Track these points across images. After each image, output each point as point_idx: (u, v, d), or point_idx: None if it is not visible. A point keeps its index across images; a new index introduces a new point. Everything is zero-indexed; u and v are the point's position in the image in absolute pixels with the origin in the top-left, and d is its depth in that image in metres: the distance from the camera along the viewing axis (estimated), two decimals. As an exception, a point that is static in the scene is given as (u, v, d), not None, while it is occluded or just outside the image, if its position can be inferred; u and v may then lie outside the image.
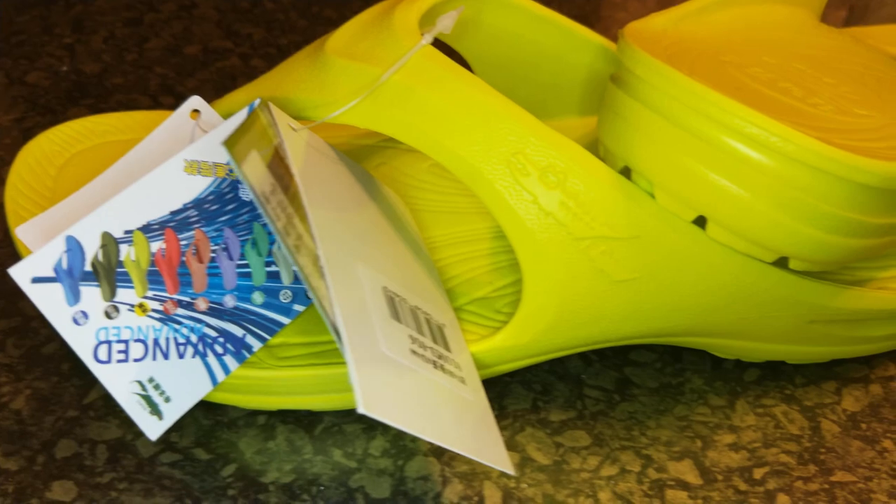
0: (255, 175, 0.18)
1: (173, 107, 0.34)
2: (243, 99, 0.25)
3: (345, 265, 0.19)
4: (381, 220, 0.23)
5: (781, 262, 0.22)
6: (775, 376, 0.27)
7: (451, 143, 0.22)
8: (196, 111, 0.25)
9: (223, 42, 0.41)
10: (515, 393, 0.26)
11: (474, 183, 0.22)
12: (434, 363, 0.20)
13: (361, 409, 0.16)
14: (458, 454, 0.23)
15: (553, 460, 0.24)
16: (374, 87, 0.22)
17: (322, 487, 0.23)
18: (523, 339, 0.22)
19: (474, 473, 0.24)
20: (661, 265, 0.22)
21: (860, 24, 0.51)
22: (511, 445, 0.24)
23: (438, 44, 0.25)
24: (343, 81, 0.23)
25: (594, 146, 0.24)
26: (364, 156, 0.30)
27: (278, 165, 0.19)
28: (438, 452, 0.24)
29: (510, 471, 0.20)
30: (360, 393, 0.16)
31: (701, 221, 0.22)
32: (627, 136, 0.21)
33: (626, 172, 0.22)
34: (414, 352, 0.19)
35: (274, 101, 0.24)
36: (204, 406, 0.25)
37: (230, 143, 0.19)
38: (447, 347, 0.21)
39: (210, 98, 0.27)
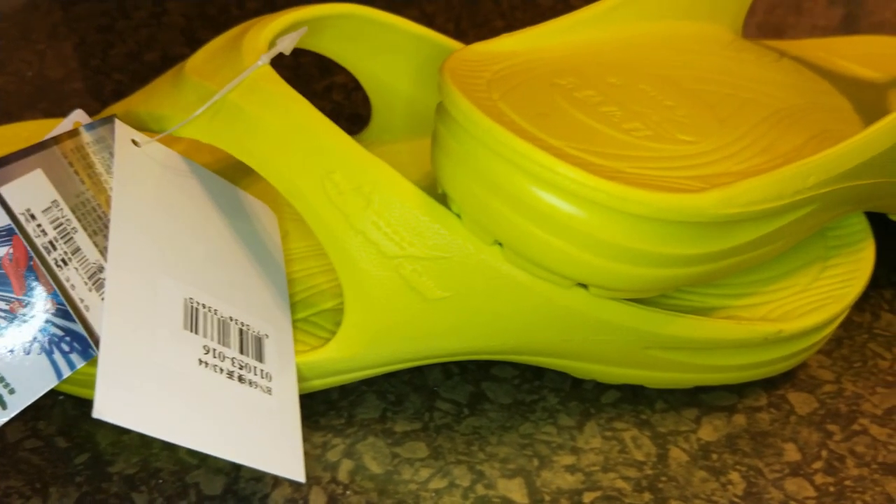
0: (22, 194, 0.19)
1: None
2: (123, 110, 0.27)
3: (137, 277, 0.20)
4: (220, 234, 0.24)
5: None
6: (635, 400, 0.27)
7: (273, 161, 0.22)
8: (79, 123, 0.27)
9: (183, 49, 0.43)
10: (368, 402, 0.27)
11: (295, 201, 0.22)
12: (229, 373, 0.21)
13: (95, 413, 0.17)
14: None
15: (385, 470, 0.25)
16: (207, 105, 0.23)
17: (160, 481, 0.24)
18: (348, 352, 0.23)
19: (307, 477, 0.24)
20: (471, 285, 0.22)
21: (854, 26, 0.49)
22: (349, 453, 0.25)
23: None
24: (191, 98, 0.24)
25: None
26: None
27: (81, 181, 0.21)
28: (276, 455, 0.25)
29: (301, 479, 0.21)
30: (98, 398, 0.17)
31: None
32: (437, 160, 0.22)
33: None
34: (202, 361, 0.20)
35: (139, 115, 0.25)
36: (75, 398, 0.27)
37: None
38: (259, 358, 0.22)
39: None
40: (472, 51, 0.24)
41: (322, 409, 0.26)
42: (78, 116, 0.27)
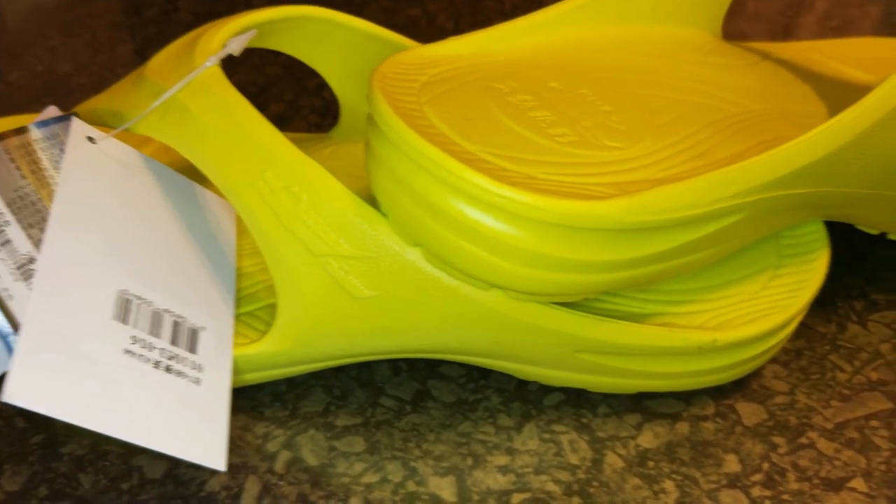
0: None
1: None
2: (95, 107, 0.28)
3: (70, 269, 0.21)
4: (169, 229, 0.25)
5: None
6: (578, 403, 0.27)
7: (213, 160, 0.23)
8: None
9: (186, 45, 0.44)
10: (314, 395, 0.27)
11: (232, 199, 0.23)
12: (156, 363, 0.22)
13: (4, 397, 0.18)
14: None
15: (321, 462, 0.25)
16: (155, 105, 0.24)
17: (107, 463, 0.25)
18: (282, 346, 0.24)
19: (244, 466, 0.25)
20: (397, 285, 0.22)
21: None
22: (289, 445, 0.26)
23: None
24: (147, 98, 0.25)
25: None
26: None
27: (23, 176, 0.22)
28: (219, 443, 0.26)
29: (221, 468, 0.22)
30: (10, 382, 0.18)
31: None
32: (366, 162, 0.22)
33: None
34: (129, 351, 0.21)
35: (101, 112, 0.26)
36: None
37: None
38: (192, 349, 0.23)
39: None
40: (414, 54, 0.24)
41: (268, 400, 0.27)
42: (50, 112, 0.28)
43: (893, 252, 0.32)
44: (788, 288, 0.24)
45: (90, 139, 0.25)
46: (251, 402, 0.27)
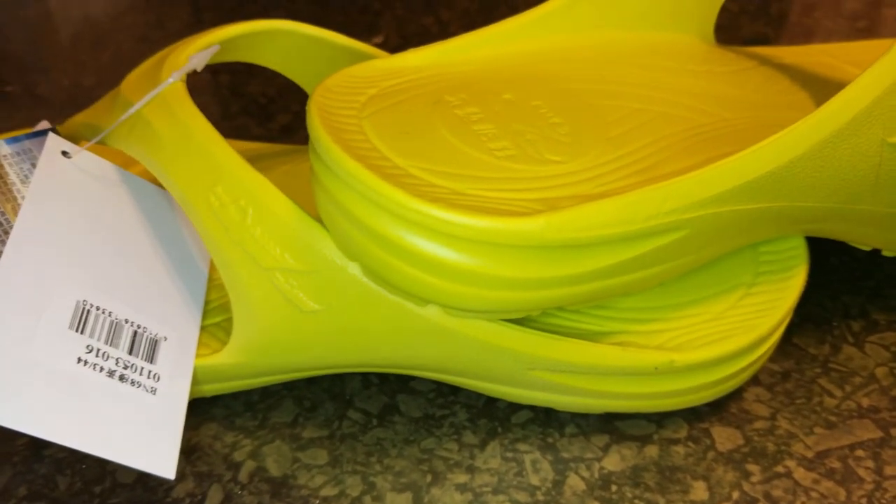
0: None
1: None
2: (78, 121, 0.29)
3: (30, 279, 0.22)
4: (140, 241, 0.25)
5: (459, 309, 0.21)
6: (545, 422, 0.26)
7: (170, 173, 0.24)
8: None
9: (207, 59, 0.45)
10: (284, 406, 0.28)
11: (187, 212, 0.23)
12: (110, 372, 0.22)
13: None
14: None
15: (283, 473, 0.25)
16: (121, 120, 0.25)
17: (84, 466, 0.26)
18: (239, 358, 0.24)
19: (210, 475, 0.26)
20: (342, 299, 0.22)
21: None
22: (255, 455, 0.26)
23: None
24: (119, 113, 0.26)
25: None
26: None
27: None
28: (188, 451, 0.26)
29: (170, 477, 0.22)
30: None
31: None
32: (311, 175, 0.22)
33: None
34: (82, 360, 0.22)
35: (80, 127, 0.28)
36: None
37: None
38: (151, 359, 0.24)
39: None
40: (368, 66, 0.24)
41: (240, 409, 0.28)
42: (43, 126, 0.30)
43: (902, 269, 0.30)
44: (758, 307, 0.23)
45: (65, 153, 0.26)
46: (225, 410, 0.28)
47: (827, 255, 0.31)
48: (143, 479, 0.26)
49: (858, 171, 0.22)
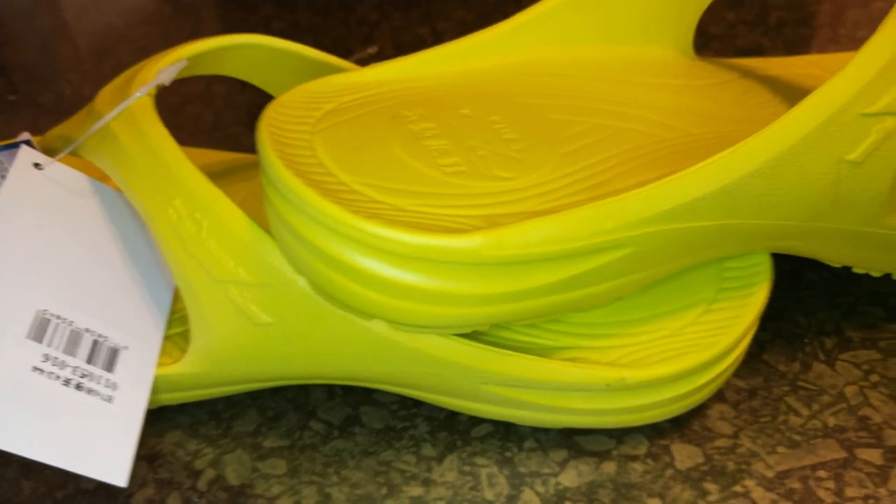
0: None
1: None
2: (55, 134, 0.29)
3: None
4: (107, 251, 0.26)
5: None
6: (505, 436, 0.26)
7: (132, 186, 0.24)
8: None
9: (203, 69, 0.46)
10: (248, 416, 0.28)
11: (149, 225, 0.24)
12: (66, 380, 0.23)
13: None
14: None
15: (242, 483, 0.26)
16: (90, 133, 0.25)
17: (48, 471, 0.27)
18: (197, 369, 0.24)
19: (170, 482, 0.26)
20: (294, 313, 0.22)
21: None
22: (215, 463, 0.26)
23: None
24: (90, 125, 0.26)
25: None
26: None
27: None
28: (151, 458, 0.27)
29: (122, 484, 0.22)
30: None
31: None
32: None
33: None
34: (38, 369, 0.22)
35: (55, 140, 0.28)
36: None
37: None
38: (109, 368, 0.24)
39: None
40: (327, 81, 0.24)
41: (205, 418, 0.28)
42: (23, 138, 0.30)
43: (880, 284, 0.29)
44: (716, 325, 0.23)
45: (37, 165, 0.27)
46: (190, 418, 0.28)
47: (804, 271, 0.30)
48: (105, 485, 0.26)
49: (815, 189, 0.21)
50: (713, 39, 0.45)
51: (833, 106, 0.20)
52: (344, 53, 0.49)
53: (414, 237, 0.18)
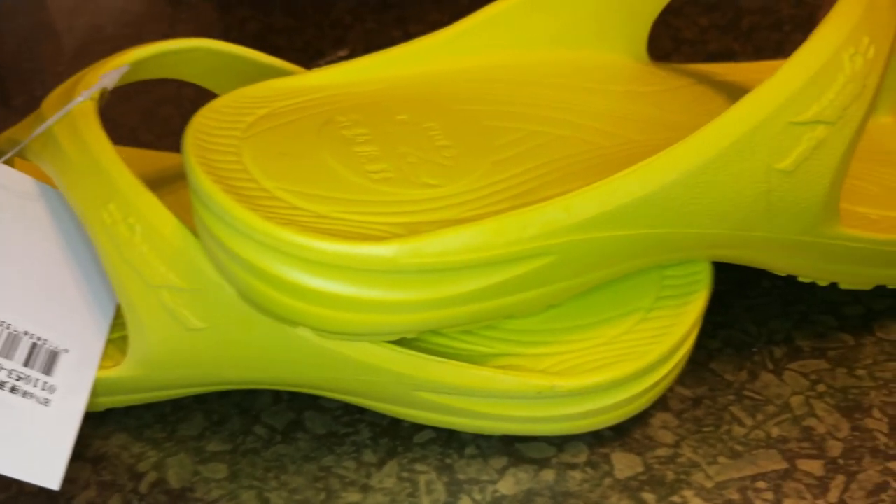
0: None
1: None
2: (6, 136, 0.30)
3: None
4: (51, 255, 0.26)
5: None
6: (447, 443, 0.26)
7: (71, 190, 0.24)
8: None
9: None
10: (194, 419, 0.28)
11: (87, 228, 0.24)
12: (2, 383, 0.23)
13: None
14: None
15: (182, 486, 0.26)
16: (33, 136, 0.25)
17: None
18: (135, 372, 0.24)
19: (112, 484, 0.26)
20: (224, 319, 0.22)
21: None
22: (158, 466, 0.26)
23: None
24: (36, 129, 0.26)
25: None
26: None
27: None
28: (95, 461, 0.27)
29: (55, 487, 0.22)
30: None
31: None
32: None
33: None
34: (-30, 371, 0.22)
35: (7, 141, 0.28)
36: None
37: None
38: (47, 371, 0.24)
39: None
40: (265, 86, 0.24)
41: (151, 421, 0.28)
42: (-21, 141, 0.31)
43: (834, 293, 0.29)
44: (652, 333, 0.23)
45: (-17, 168, 0.27)
46: (137, 421, 0.28)
47: (759, 279, 0.30)
48: (46, 488, 0.26)
49: (746, 198, 0.21)
50: (684, 44, 0.44)
51: (760, 114, 0.20)
52: (316, 56, 0.49)
53: (328, 244, 0.18)
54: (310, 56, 0.49)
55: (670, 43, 0.44)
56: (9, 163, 0.28)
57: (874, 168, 0.27)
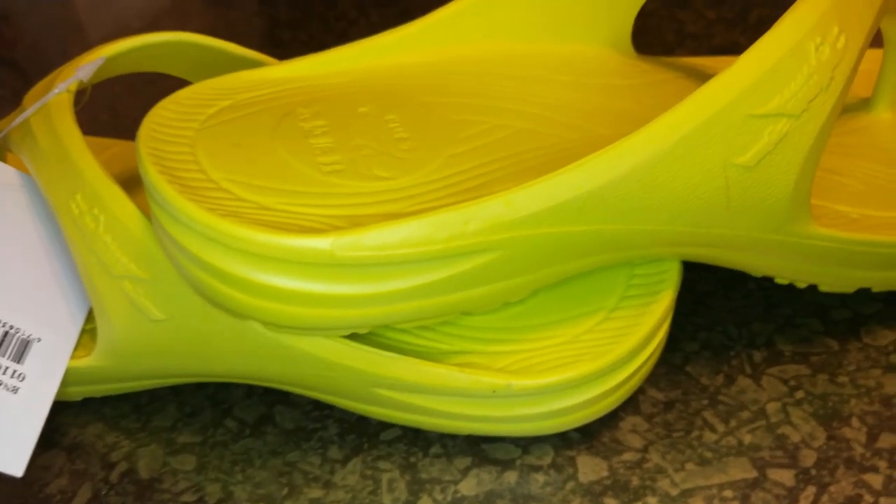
0: None
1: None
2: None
3: None
4: (29, 243, 0.26)
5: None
6: (413, 441, 0.26)
7: (42, 180, 0.25)
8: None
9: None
10: (167, 411, 0.28)
11: (57, 217, 0.24)
12: (-31, 371, 0.23)
13: None
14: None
15: (151, 477, 0.26)
16: (11, 126, 0.26)
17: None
18: (104, 363, 0.24)
19: (84, 473, 0.26)
20: (183, 310, 0.22)
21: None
22: (129, 456, 0.26)
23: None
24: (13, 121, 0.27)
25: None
26: None
27: None
28: (70, 449, 0.27)
29: (17, 475, 0.23)
30: None
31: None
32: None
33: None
34: (-62, 358, 0.23)
35: (-6, 134, 0.29)
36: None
37: None
38: (18, 360, 0.24)
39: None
40: (232, 78, 0.24)
41: (127, 411, 0.28)
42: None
43: (822, 297, 0.28)
44: (614, 333, 0.22)
45: (-34, 159, 0.28)
46: (113, 411, 0.28)
47: (744, 280, 0.29)
48: (25, 474, 0.27)
49: (702, 193, 0.20)
50: (688, 38, 0.43)
51: (714, 107, 0.19)
52: (319, 48, 0.49)
53: (266, 236, 0.18)
54: (314, 50, 0.49)
55: (674, 37, 0.43)
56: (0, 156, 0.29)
57: (863, 164, 0.26)
